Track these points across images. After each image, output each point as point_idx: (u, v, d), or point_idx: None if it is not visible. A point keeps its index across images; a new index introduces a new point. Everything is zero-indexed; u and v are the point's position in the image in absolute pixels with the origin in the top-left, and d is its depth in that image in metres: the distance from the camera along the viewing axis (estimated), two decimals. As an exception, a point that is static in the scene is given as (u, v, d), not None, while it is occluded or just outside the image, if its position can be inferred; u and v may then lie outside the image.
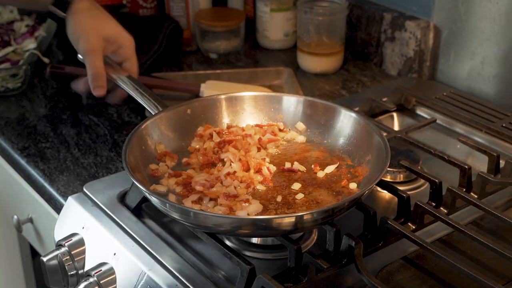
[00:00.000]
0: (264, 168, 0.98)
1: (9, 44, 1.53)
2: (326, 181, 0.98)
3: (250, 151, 1.02)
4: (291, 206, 0.92)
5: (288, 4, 1.58)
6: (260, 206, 0.91)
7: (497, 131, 1.17)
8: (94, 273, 0.93)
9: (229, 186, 0.94)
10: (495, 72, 1.32)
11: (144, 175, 0.96)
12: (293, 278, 0.86)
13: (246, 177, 0.96)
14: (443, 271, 0.89)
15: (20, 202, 1.30)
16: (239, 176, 0.96)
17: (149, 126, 1.01)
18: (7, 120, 1.32)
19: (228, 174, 0.96)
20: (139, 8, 1.65)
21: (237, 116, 1.09)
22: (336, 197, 0.94)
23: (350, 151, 1.02)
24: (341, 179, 0.97)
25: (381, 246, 0.92)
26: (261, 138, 1.04)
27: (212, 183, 0.94)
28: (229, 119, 1.09)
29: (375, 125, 1.02)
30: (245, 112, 1.10)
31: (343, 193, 0.95)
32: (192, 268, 0.89)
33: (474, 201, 0.97)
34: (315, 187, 0.96)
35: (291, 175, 0.99)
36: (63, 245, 0.99)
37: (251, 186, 0.95)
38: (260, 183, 0.96)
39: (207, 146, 1.03)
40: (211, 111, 1.08)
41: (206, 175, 0.97)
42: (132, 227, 0.97)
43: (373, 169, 0.96)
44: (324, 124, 1.06)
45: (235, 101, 1.09)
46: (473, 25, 1.34)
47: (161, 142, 1.02)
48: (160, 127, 1.03)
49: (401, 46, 1.45)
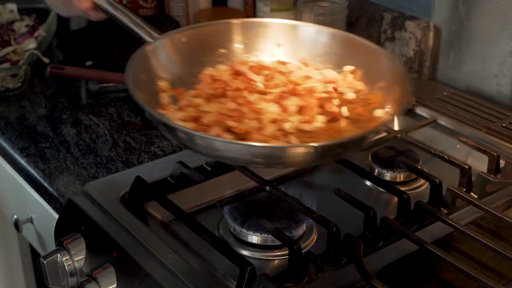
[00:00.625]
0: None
1: (9, 44, 1.53)
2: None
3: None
4: (311, 135, 0.87)
5: (288, 4, 1.58)
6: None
7: (497, 131, 1.17)
8: (94, 273, 0.93)
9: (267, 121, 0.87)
10: (495, 72, 1.32)
11: (151, 100, 0.90)
12: (293, 278, 0.86)
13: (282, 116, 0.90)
14: (443, 271, 0.89)
15: (20, 202, 1.30)
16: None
17: (155, 48, 0.95)
18: (7, 120, 1.32)
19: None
20: (139, 8, 1.65)
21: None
22: (354, 124, 0.90)
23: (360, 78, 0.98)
24: (356, 108, 0.93)
25: (381, 246, 0.92)
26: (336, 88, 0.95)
27: (240, 117, 0.87)
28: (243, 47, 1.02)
29: (383, 48, 0.97)
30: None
31: (360, 121, 0.90)
32: (192, 268, 0.89)
33: (474, 201, 0.97)
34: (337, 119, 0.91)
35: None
36: (63, 245, 0.99)
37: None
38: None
39: (231, 81, 0.95)
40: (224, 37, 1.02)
41: (224, 106, 0.89)
42: (132, 227, 0.96)
43: (391, 96, 0.91)
44: (329, 52, 1.01)
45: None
46: (473, 25, 1.34)
47: (166, 73, 0.94)
48: (167, 51, 0.97)
49: (401, 46, 1.44)
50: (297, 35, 1.03)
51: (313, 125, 0.89)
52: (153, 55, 0.95)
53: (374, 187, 1.07)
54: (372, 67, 0.97)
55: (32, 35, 1.56)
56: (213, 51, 1.01)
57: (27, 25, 1.61)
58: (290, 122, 0.89)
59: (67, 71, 1.42)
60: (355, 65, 0.99)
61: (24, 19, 1.63)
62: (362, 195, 1.01)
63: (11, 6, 1.66)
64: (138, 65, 0.91)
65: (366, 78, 0.97)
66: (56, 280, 1.00)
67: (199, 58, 1.00)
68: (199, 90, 0.95)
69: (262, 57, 1.03)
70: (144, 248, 0.93)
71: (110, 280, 0.92)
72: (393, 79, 0.93)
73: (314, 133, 0.88)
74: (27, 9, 1.68)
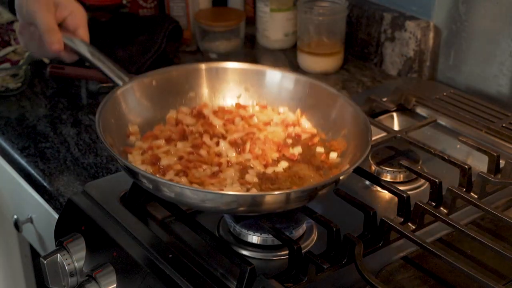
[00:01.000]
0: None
1: (9, 44, 1.53)
2: (303, 155, 0.97)
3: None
4: (274, 182, 0.91)
5: (288, 4, 1.58)
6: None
7: (497, 131, 1.17)
8: (94, 273, 0.93)
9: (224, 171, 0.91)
10: (495, 72, 1.32)
11: (118, 145, 0.94)
12: (293, 278, 0.86)
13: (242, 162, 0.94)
14: (443, 271, 0.89)
15: (20, 202, 1.30)
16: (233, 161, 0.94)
17: (124, 93, 0.98)
18: (7, 120, 1.32)
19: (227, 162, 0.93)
20: (139, 8, 1.65)
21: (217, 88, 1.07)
22: (317, 171, 0.94)
23: (323, 125, 1.02)
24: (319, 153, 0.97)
25: (381, 246, 0.92)
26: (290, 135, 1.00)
27: (196, 164, 0.91)
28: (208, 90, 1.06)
29: (347, 96, 1.01)
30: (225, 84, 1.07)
31: (323, 167, 0.94)
32: (192, 268, 0.89)
33: (474, 201, 0.97)
34: (293, 161, 0.96)
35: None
36: (63, 245, 0.99)
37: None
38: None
39: (192, 124, 0.99)
40: (193, 81, 1.05)
41: (183, 152, 0.93)
42: (132, 227, 0.96)
43: (352, 144, 0.95)
44: (292, 97, 1.05)
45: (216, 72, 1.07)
46: (473, 25, 1.34)
47: (135, 117, 0.98)
48: (136, 95, 1.00)
49: (401, 46, 1.45)
50: (263, 80, 1.07)
51: (272, 169, 0.92)
52: (123, 99, 0.99)
53: (374, 187, 1.07)
54: (335, 113, 1.00)
55: (32, 35, 1.56)
56: (182, 94, 1.05)
57: (27, 25, 1.61)
58: (250, 166, 0.92)
59: (67, 71, 1.42)
60: (319, 110, 1.02)
61: (24, 19, 1.63)
62: (362, 195, 1.01)
63: (11, 6, 1.66)
64: (108, 109, 0.95)
65: (329, 124, 1.01)
66: (56, 280, 1.00)
67: (168, 101, 1.03)
68: (158, 132, 0.99)
69: (228, 100, 1.06)
70: (144, 248, 0.93)
71: (110, 280, 0.92)
72: (356, 127, 0.96)
73: (277, 180, 0.91)
74: (27, 9, 1.68)
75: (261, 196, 0.85)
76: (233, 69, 1.07)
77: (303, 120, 1.03)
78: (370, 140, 0.91)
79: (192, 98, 1.05)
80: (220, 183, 0.89)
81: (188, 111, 1.04)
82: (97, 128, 0.89)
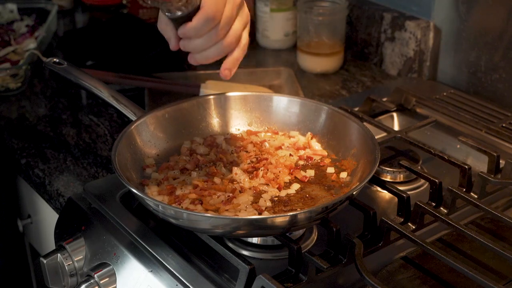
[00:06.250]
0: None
1: (9, 44, 1.53)
2: (314, 176, 0.99)
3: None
4: (287, 204, 0.92)
5: (288, 4, 1.58)
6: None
7: (497, 131, 1.17)
8: (94, 273, 0.93)
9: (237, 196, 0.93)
10: (495, 72, 1.32)
11: (135, 178, 0.96)
12: (293, 278, 0.86)
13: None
14: (443, 271, 0.89)
15: (20, 202, 1.30)
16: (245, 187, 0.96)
17: (138, 127, 1.01)
18: (7, 120, 1.32)
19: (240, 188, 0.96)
20: (139, 8, 1.65)
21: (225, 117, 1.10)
22: (329, 191, 0.95)
23: (333, 146, 1.03)
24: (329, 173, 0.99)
25: (381, 246, 0.92)
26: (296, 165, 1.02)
27: (210, 192, 0.94)
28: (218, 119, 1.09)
29: (356, 117, 1.03)
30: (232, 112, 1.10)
31: (335, 187, 0.96)
32: (192, 268, 0.89)
33: (474, 201, 0.97)
34: (305, 183, 0.97)
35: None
36: (63, 245, 0.99)
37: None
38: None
39: (206, 154, 1.03)
40: (204, 111, 1.08)
41: (197, 180, 0.96)
42: (132, 227, 0.96)
43: (361, 161, 0.97)
44: (301, 120, 1.07)
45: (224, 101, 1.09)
46: (473, 25, 1.34)
47: (151, 149, 1.02)
48: (150, 128, 1.03)
49: (401, 46, 1.45)
50: (271, 107, 1.09)
51: (285, 192, 0.95)
52: (137, 133, 1.01)
53: (374, 187, 1.07)
54: (344, 133, 1.02)
55: (32, 35, 1.56)
56: (194, 124, 1.08)
57: (27, 25, 1.61)
58: (263, 190, 0.95)
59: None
60: (328, 132, 1.05)
61: (24, 19, 1.63)
62: (362, 195, 1.01)
63: (11, 6, 1.66)
64: (123, 145, 0.97)
65: (339, 145, 1.03)
66: (56, 280, 1.00)
67: (181, 132, 1.06)
68: (173, 163, 1.01)
69: (239, 127, 1.09)
70: (144, 248, 0.93)
71: (110, 280, 0.92)
72: (364, 145, 0.98)
73: (289, 202, 0.93)
74: (27, 9, 1.68)
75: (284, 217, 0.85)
76: (240, 96, 1.10)
77: (313, 143, 1.05)
78: (378, 158, 0.92)
79: (204, 127, 1.08)
80: (234, 208, 0.91)
81: (201, 140, 1.07)
82: (113, 165, 0.91)
